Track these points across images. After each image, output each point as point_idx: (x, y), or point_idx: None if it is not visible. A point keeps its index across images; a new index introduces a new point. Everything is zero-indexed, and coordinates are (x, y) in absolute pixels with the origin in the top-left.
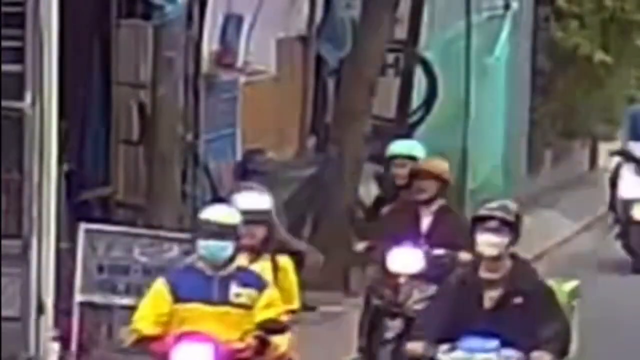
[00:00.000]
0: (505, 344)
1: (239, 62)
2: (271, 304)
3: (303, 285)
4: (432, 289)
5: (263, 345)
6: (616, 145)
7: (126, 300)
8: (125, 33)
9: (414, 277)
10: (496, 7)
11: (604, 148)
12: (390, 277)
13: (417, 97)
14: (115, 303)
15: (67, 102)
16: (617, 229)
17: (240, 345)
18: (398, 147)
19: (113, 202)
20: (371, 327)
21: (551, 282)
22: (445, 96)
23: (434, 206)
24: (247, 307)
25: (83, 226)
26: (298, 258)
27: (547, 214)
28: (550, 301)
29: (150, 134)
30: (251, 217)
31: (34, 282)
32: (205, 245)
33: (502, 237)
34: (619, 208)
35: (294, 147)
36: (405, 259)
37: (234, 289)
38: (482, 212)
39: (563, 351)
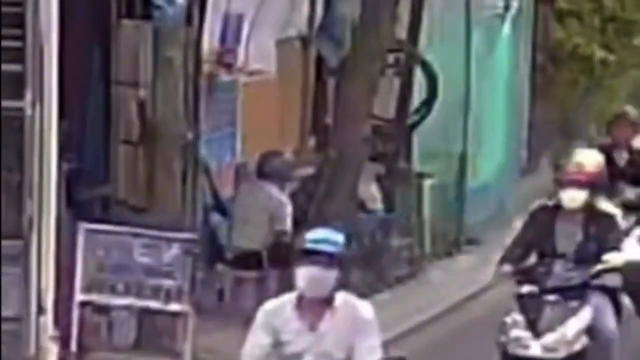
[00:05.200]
0: None
1: (239, 62)
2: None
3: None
4: None
5: None
6: None
7: (126, 300)
8: (125, 33)
9: None
10: (496, 7)
11: None
12: None
13: (417, 97)
14: (115, 303)
15: (67, 102)
16: None
17: None
18: None
19: (113, 202)
20: None
21: None
22: (445, 96)
23: None
24: None
25: (83, 226)
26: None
27: None
28: None
29: (150, 134)
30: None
31: (34, 282)
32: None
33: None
34: None
35: (294, 147)
36: None
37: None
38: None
39: None
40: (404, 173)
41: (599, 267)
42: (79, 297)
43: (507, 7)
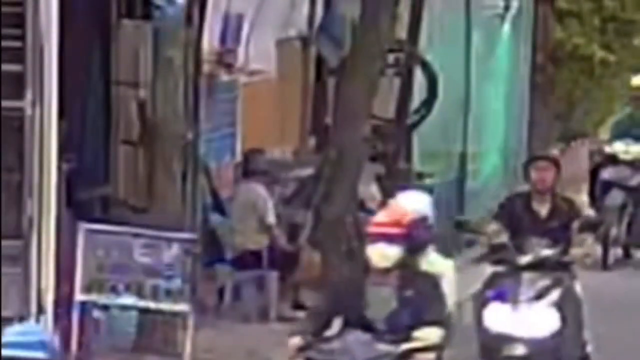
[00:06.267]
0: None
1: (239, 62)
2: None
3: (301, 285)
4: None
5: None
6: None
7: (126, 300)
8: (125, 33)
9: None
10: (496, 6)
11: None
12: None
13: (417, 97)
14: (115, 303)
15: (67, 102)
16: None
17: None
18: None
19: (113, 202)
20: None
21: None
22: (445, 96)
23: None
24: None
25: (83, 226)
26: (292, 257)
27: None
28: None
29: (150, 134)
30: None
31: (34, 282)
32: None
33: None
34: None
35: (294, 147)
36: None
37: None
38: None
39: None
40: (404, 173)
41: (409, 345)
42: (79, 297)
43: (507, 7)
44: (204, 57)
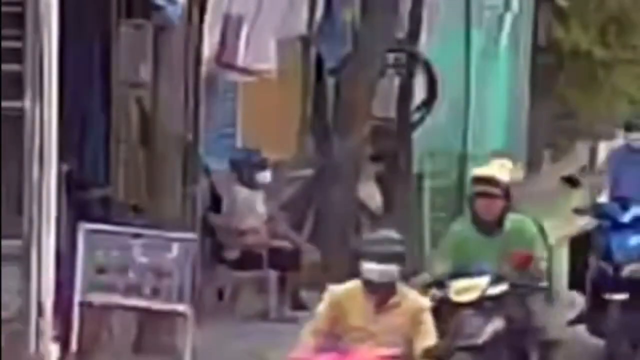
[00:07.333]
0: None
1: (239, 62)
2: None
3: (302, 285)
4: None
5: None
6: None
7: (126, 300)
8: (125, 33)
9: None
10: (497, 6)
11: (603, 148)
12: None
13: (417, 97)
14: (115, 303)
15: (67, 102)
16: None
17: None
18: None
19: (113, 202)
20: None
21: None
22: (445, 96)
23: None
24: None
25: (83, 226)
26: (294, 257)
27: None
28: None
29: (150, 134)
30: None
31: (34, 282)
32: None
33: None
34: None
35: (294, 147)
36: None
37: None
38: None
39: None
40: (404, 173)
41: None
42: (79, 297)
43: (507, 7)
44: (204, 57)
